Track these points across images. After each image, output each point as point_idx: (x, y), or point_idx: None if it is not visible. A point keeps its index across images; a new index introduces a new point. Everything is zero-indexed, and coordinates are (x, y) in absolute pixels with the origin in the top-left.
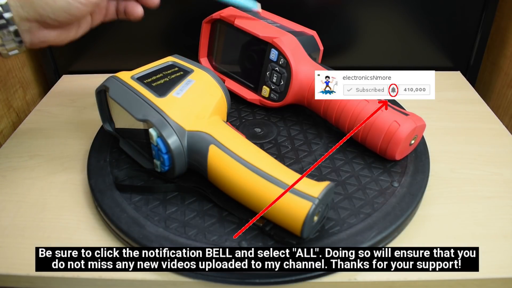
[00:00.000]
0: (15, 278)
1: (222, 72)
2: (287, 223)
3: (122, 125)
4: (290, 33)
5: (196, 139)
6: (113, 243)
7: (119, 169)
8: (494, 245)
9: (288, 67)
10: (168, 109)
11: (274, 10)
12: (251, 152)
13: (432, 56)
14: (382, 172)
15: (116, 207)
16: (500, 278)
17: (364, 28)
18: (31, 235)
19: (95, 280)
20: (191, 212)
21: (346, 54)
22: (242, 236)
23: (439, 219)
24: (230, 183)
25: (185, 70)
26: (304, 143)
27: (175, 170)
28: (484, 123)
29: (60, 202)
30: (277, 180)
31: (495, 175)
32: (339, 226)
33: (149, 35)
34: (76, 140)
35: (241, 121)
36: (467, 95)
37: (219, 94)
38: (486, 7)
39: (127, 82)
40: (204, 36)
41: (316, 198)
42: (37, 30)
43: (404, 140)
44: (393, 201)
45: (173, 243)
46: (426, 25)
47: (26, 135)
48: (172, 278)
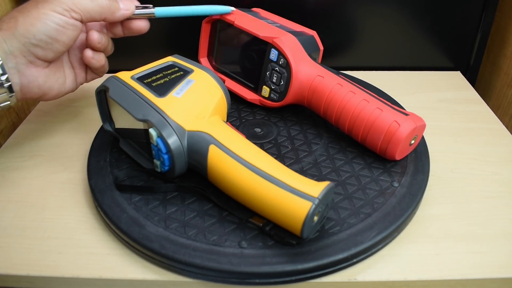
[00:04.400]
0: (15, 278)
1: (222, 72)
2: (287, 223)
3: (122, 125)
4: (290, 33)
5: (196, 139)
6: (113, 243)
7: (119, 169)
8: (494, 245)
9: (288, 67)
10: (168, 109)
11: (274, 10)
12: (251, 152)
13: (432, 56)
14: (382, 172)
15: (116, 207)
16: (500, 278)
17: (364, 28)
18: (31, 235)
19: (95, 280)
20: (191, 212)
21: (346, 54)
22: (242, 236)
23: (439, 219)
24: (230, 183)
25: (185, 70)
26: (304, 143)
27: (175, 170)
28: (484, 123)
29: (60, 202)
30: (277, 180)
31: (495, 175)
32: (339, 226)
33: (149, 35)
34: (76, 140)
35: (241, 121)
36: (467, 95)
37: (219, 94)
38: (486, 7)
39: (127, 82)
40: (204, 36)
41: (316, 198)
42: (24, 67)
43: (404, 140)
44: (393, 201)
45: (173, 243)
46: (426, 25)
47: (26, 135)
48: (172, 278)
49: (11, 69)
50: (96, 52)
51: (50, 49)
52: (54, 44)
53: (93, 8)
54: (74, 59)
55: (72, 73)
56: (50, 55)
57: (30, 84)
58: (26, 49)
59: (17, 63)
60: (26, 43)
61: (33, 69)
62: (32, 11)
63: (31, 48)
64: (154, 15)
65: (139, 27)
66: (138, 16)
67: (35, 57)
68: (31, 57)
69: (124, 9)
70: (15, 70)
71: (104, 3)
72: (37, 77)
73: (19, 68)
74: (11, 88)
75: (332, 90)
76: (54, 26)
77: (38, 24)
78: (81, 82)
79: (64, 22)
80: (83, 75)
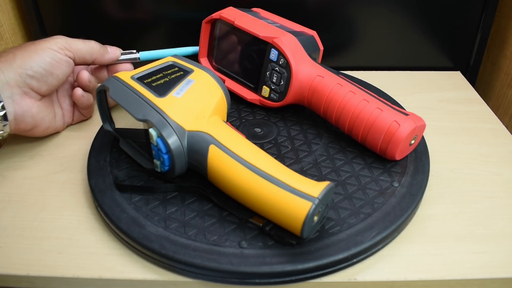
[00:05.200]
0: (15, 278)
1: (222, 72)
2: (287, 223)
3: (122, 125)
4: (290, 33)
5: (196, 139)
6: (113, 243)
7: (119, 169)
8: (494, 245)
9: (288, 67)
10: (168, 109)
11: (274, 10)
12: (251, 152)
13: (432, 56)
14: (382, 172)
15: (116, 207)
16: (500, 278)
17: (364, 28)
18: (31, 235)
19: (95, 280)
20: (191, 212)
21: (346, 54)
22: (242, 236)
23: (439, 219)
24: (230, 183)
25: (185, 70)
26: (304, 143)
27: (175, 170)
28: (484, 123)
29: (60, 202)
30: (277, 180)
31: (495, 175)
32: (339, 226)
33: (149, 35)
34: (76, 140)
35: (241, 121)
36: (467, 95)
37: (219, 94)
38: (486, 7)
39: (127, 82)
40: (204, 36)
41: (316, 198)
42: (19, 97)
43: (404, 140)
44: (393, 201)
45: (173, 243)
46: (426, 25)
47: (26, 135)
48: (172, 278)
49: (7, 99)
50: (85, 92)
51: (45, 81)
52: (49, 77)
53: (86, 49)
54: (63, 99)
55: (61, 112)
56: (44, 87)
57: (24, 114)
58: (22, 80)
59: (13, 93)
60: (22, 74)
61: (27, 99)
62: (30, 47)
63: (26, 80)
64: (139, 59)
65: (125, 69)
66: (123, 61)
67: (29, 88)
68: (26, 88)
69: (112, 53)
70: (10, 100)
71: (95, 46)
72: (30, 107)
73: (14, 98)
74: (5, 117)
75: (332, 90)
76: (50, 60)
77: (35, 57)
78: (68, 122)
79: (59, 58)
80: (70, 115)
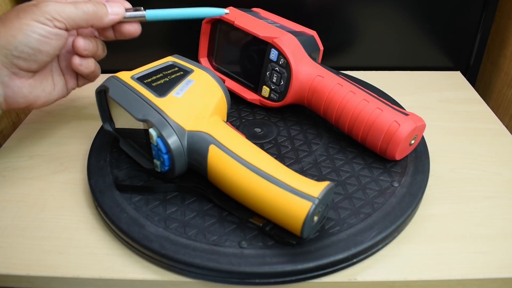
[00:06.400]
0: (15, 278)
1: (222, 72)
2: (287, 223)
3: (122, 125)
4: (290, 33)
5: (196, 139)
6: (113, 243)
7: (119, 169)
8: (494, 245)
9: (288, 67)
10: (168, 109)
11: (274, 10)
12: (251, 152)
13: (432, 56)
14: (382, 172)
15: (116, 207)
16: (500, 278)
17: (364, 28)
18: (31, 235)
19: (95, 280)
20: (191, 212)
21: (346, 54)
22: (242, 236)
23: (439, 219)
24: (230, 183)
25: (185, 70)
26: (304, 143)
27: (175, 170)
28: (484, 123)
29: (60, 202)
30: (277, 180)
31: (495, 175)
32: (339, 226)
33: (149, 35)
34: (76, 140)
35: (241, 121)
36: (467, 95)
37: (219, 94)
38: (486, 7)
39: (127, 82)
40: (204, 36)
41: (316, 198)
42: (8, 79)
43: (404, 140)
44: (393, 201)
45: (173, 243)
46: (426, 25)
47: (26, 135)
48: (172, 278)
49: None
50: (85, 59)
51: (34, 60)
52: (38, 55)
53: (78, 15)
54: (64, 65)
55: (62, 80)
56: (34, 66)
57: (15, 95)
58: (8, 61)
59: (0, 74)
60: (7, 55)
61: (17, 80)
62: (14, 22)
63: (13, 60)
64: (145, 18)
65: (130, 31)
66: (128, 19)
67: (18, 68)
68: (14, 69)
69: (113, 14)
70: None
71: (89, 9)
72: (21, 88)
73: (3, 79)
74: None
75: (332, 90)
76: (37, 37)
77: (19, 35)
78: (72, 88)
79: (47, 32)
80: (73, 81)
